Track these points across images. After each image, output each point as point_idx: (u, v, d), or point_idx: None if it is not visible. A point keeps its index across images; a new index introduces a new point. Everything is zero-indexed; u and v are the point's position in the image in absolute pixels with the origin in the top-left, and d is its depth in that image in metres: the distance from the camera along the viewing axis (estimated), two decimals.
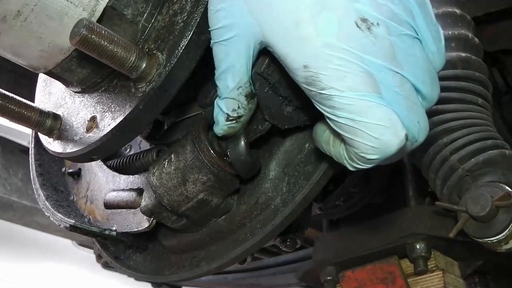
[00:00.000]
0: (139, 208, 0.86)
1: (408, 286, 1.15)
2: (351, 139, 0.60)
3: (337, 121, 0.60)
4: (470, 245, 1.03)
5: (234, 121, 0.72)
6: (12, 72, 1.86)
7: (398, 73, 0.60)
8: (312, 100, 0.61)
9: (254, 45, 0.64)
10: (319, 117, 0.63)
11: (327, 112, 0.60)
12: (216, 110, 0.72)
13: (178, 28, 0.69)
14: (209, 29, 0.66)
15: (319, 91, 0.59)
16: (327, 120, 0.61)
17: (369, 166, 0.62)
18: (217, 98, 0.71)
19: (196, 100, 0.85)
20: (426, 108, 0.65)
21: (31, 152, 1.08)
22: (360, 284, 1.21)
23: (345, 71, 0.57)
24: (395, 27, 0.60)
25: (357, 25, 0.58)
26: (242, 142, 0.75)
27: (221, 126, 0.72)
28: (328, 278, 1.27)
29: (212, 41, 0.67)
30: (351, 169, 0.64)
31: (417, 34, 0.63)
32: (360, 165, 0.63)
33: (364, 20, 0.58)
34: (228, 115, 0.71)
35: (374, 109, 0.58)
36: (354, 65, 0.58)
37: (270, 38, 0.61)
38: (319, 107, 0.61)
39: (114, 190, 0.94)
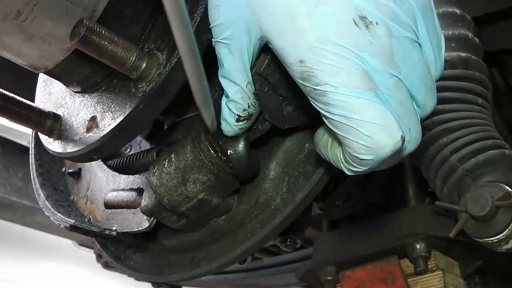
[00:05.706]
0: (139, 208, 0.86)
1: (408, 286, 1.15)
2: (345, 137, 0.58)
3: (332, 119, 0.58)
4: (470, 245, 1.03)
5: (245, 121, 0.71)
6: (12, 72, 1.86)
7: (395, 76, 0.58)
8: (308, 96, 0.60)
9: (254, 41, 0.64)
10: (320, 118, 0.62)
11: (322, 109, 0.59)
12: (224, 111, 0.70)
13: None
14: (210, 26, 0.65)
15: (314, 87, 0.57)
16: (323, 118, 0.60)
17: (365, 168, 0.60)
18: (225, 98, 0.70)
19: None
20: (420, 117, 0.63)
21: (31, 152, 1.08)
22: (360, 284, 1.21)
23: (339, 67, 0.56)
24: (396, 28, 0.58)
25: (355, 22, 0.57)
26: (243, 146, 0.74)
27: (232, 127, 0.71)
28: (328, 278, 1.27)
29: (213, 40, 0.66)
30: (348, 172, 0.63)
31: (418, 38, 0.61)
32: (356, 167, 0.61)
33: (362, 18, 0.57)
34: (239, 116, 0.70)
35: (368, 106, 0.56)
36: (349, 62, 0.56)
37: (267, 32, 0.61)
38: (315, 104, 0.60)
39: (114, 190, 0.94)
